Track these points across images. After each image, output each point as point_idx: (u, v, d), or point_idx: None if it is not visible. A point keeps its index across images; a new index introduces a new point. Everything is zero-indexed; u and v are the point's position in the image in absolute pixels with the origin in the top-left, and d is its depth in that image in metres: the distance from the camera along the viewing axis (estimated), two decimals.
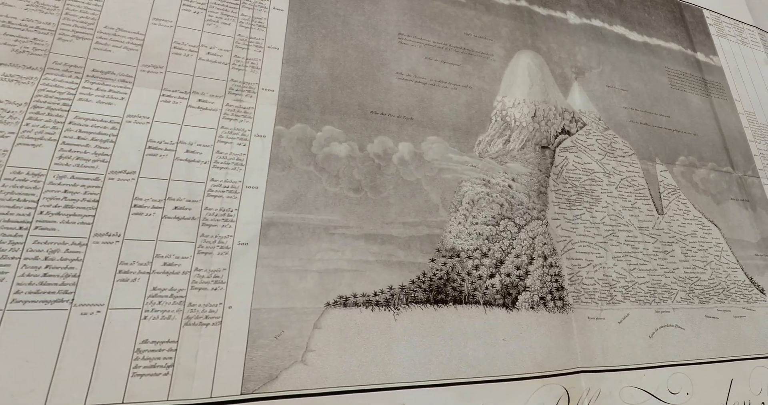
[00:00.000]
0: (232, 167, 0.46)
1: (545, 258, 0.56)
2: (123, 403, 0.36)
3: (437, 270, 0.50)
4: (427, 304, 0.48)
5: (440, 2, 0.66)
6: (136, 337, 0.38)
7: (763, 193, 0.79)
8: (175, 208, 0.43)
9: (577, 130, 0.67)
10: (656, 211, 0.67)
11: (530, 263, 0.55)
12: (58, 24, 0.46)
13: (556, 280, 0.56)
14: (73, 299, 0.37)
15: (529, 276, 0.54)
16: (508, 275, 0.54)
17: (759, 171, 0.81)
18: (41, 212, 0.39)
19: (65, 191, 0.40)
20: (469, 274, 0.52)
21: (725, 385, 0.59)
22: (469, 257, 0.53)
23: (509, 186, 0.59)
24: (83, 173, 0.41)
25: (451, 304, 0.50)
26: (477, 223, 0.55)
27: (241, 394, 0.39)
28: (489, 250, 0.54)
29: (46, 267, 0.37)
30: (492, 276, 0.53)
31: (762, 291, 0.69)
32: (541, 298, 0.54)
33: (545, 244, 0.57)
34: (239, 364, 0.40)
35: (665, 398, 0.55)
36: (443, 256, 0.51)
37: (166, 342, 0.38)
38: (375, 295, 0.47)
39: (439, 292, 0.50)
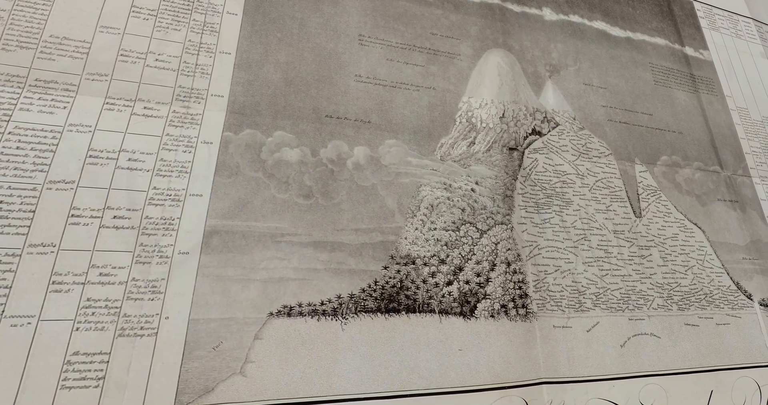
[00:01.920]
0: (176, 175, 0.46)
1: (509, 264, 0.54)
2: None
3: (390, 278, 0.49)
4: (378, 314, 0.47)
5: (405, 2, 0.65)
6: (66, 349, 0.37)
7: (754, 193, 0.75)
8: (114, 217, 0.42)
9: (549, 131, 0.65)
10: (633, 214, 0.65)
11: (492, 270, 0.53)
12: (2, 34, 0.46)
13: (520, 287, 0.54)
14: (3, 311, 0.37)
15: (490, 283, 0.53)
16: (467, 282, 0.52)
17: (750, 170, 0.77)
18: None
19: (0, 202, 0.40)
20: (424, 281, 0.50)
21: (704, 396, 0.56)
22: (425, 264, 0.51)
23: (472, 190, 0.57)
24: (20, 183, 0.41)
25: (403, 312, 0.48)
26: (435, 229, 0.53)
27: None
28: (447, 256, 0.52)
29: None
30: (449, 283, 0.51)
31: (749, 297, 0.66)
32: (503, 306, 0.52)
33: (509, 249, 0.55)
34: (174, 376, 0.39)
35: None
36: (397, 264, 0.50)
37: (97, 354, 0.38)
38: (322, 304, 0.46)
39: (392, 300, 0.48)
